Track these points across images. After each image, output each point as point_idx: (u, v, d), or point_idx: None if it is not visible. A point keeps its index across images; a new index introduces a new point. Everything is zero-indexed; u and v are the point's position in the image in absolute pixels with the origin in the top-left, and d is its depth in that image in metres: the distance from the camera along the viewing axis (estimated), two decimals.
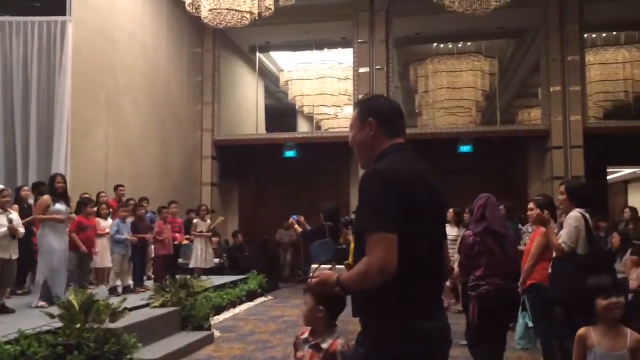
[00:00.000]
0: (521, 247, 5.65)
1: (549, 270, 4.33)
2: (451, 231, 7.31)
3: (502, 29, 13.08)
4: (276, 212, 12.90)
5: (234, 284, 9.84)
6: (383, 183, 1.83)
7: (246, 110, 14.94)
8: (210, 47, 13.35)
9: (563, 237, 4.11)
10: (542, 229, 4.80)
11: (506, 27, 13.00)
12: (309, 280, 2.14)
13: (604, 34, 13.47)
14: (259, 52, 14.79)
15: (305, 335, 2.48)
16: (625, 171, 18.11)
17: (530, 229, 5.47)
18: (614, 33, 13.46)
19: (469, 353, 5.60)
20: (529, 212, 5.04)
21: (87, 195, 7.90)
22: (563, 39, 11.76)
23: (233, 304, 8.92)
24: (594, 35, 13.24)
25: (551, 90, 11.80)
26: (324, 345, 2.40)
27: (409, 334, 1.83)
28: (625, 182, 19.23)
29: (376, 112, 2.04)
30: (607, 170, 14.04)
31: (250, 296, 9.88)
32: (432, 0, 8.86)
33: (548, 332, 4.66)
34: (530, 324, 4.86)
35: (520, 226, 6.82)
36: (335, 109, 15.55)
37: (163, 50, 11.58)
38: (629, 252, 6.33)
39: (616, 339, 2.65)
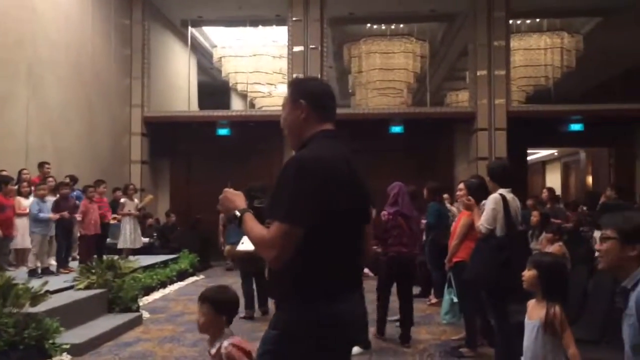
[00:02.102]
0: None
1: None
2: None
3: (434, 12, 13.35)
4: (209, 191, 12.71)
5: (165, 264, 9.69)
6: (304, 174, 1.83)
7: (178, 86, 14.56)
8: (139, 19, 12.85)
9: (481, 219, 4.30)
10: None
11: (437, 11, 13.28)
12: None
13: (528, 21, 14.02)
14: (192, 27, 14.38)
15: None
16: (544, 152, 19.17)
17: (461, 208, 5.69)
18: (538, 20, 14.04)
19: (399, 329, 5.83)
20: (458, 192, 5.26)
21: (5, 173, 7.51)
22: (490, 25, 12.14)
23: (163, 285, 8.81)
24: (519, 22, 13.75)
25: (478, 74, 12.20)
26: (212, 351, 2.48)
27: (322, 317, 1.85)
28: (543, 163, 20.35)
29: (308, 94, 2.04)
30: (528, 151, 14.77)
31: (182, 276, 9.78)
32: None
33: (471, 308, 4.90)
34: (456, 300, 5.10)
35: (448, 205, 7.09)
36: (270, 87, 15.40)
37: (89, 21, 11.05)
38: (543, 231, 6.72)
39: (535, 310, 2.84)
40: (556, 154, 19.05)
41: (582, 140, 13.84)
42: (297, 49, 12.66)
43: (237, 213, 1.98)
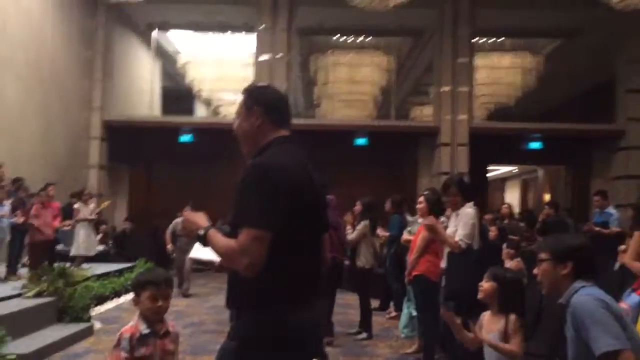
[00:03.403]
0: (408, 237, 5.87)
1: (443, 265, 4.50)
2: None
3: (401, 27, 13.49)
4: (169, 198, 12.50)
5: (120, 272, 9.42)
6: (267, 178, 1.81)
7: (140, 90, 14.28)
8: (102, 21, 12.56)
9: (460, 234, 4.29)
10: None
11: (405, 26, 13.42)
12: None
13: (491, 40, 14.32)
14: (157, 31, 14.16)
15: (144, 329, 2.44)
16: (504, 169, 19.56)
17: (419, 220, 5.71)
18: (501, 39, 14.35)
19: (354, 341, 5.78)
20: (418, 206, 5.26)
21: None
22: (455, 42, 12.33)
23: (117, 294, 8.54)
24: (482, 41, 14.03)
25: (442, 89, 12.35)
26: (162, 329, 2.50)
27: (281, 326, 1.82)
28: (503, 180, 20.76)
29: (263, 101, 2.02)
30: (488, 168, 15.04)
31: None
32: None
33: (430, 322, 4.89)
34: (414, 314, 5.09)
35: (409, 217, 7.10)
36: (235, 94, 15.25)
37: (50, 21, 10.75)
38: (504, 245, 6.79)
39: (492, 323, 2.85)
40: (515, 171, 19.46)
41: (541, 158, 14.16)
42: (264, 57, 12.58)
43: (201, 232, 1.92)
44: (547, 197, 16.79)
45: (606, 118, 12.64)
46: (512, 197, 19.72)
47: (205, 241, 1.91)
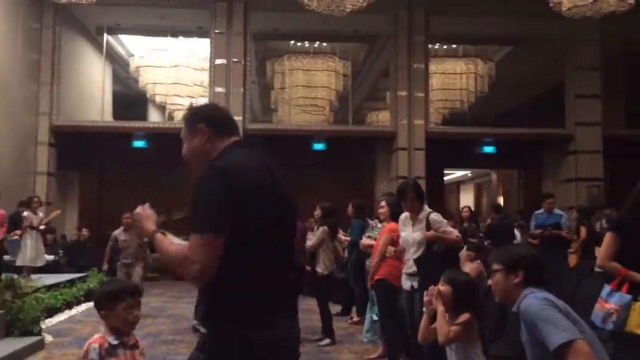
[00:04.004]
0: (368, 241, 5.83)
1: (414, 268, 4.48)
2: None
3: (356, 32, 13.57)
4: (122, 205, 12.13)
5: (71, 283, 9.06)
6: (223, 180, 1.74)
7: (91, 95, 13.83)
8: (50, 23, 12.10)
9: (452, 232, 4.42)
10: (391, 225, 5.02)
11: (360, 32, 13.50)
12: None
13: (445, 46, 14.58)
14: (107, 34, 13.75)
15: (113, 340, 2.35)
16: (458, 173, 19.94)
17: (379, 225, 5.69)
18: (454, 46, 14.63)
19: (319, 349, 5.70)
20: (380, 210, 5.24)
21: None
22: (410, 48, 12.48)
23: (69, 305, 8.20)
24: (437, 47, 14.27)
25: (398, 94, 12.47)
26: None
27: (247, 343, 1.73)
28: (458, 183, 21.15)
29: (206, 118, 1.98)
30: (444, 171, 15.28)
31: (90, 296, 9.13)
32: None
33: (392, 326, 4.86)
34: (376, 318, 5.06)
35: (370, 221, 7.09)
36: (190, 99, 14.98)
37: None
38: (464, 248, 6.86)
39: (448, 324, 2.86)
40: (470, 174, 19.86)
41: (494, 162, 14.50)
42: (219, 62, 12.41)
43: (147, 238, 1.87)
44: (500, 200, 17.20)
45: (556, 122, 13.03)
46: (467, 200, 20.11)
47: (151, 246, 1.84)
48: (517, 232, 9.84)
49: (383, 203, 5.16)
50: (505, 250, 2.55)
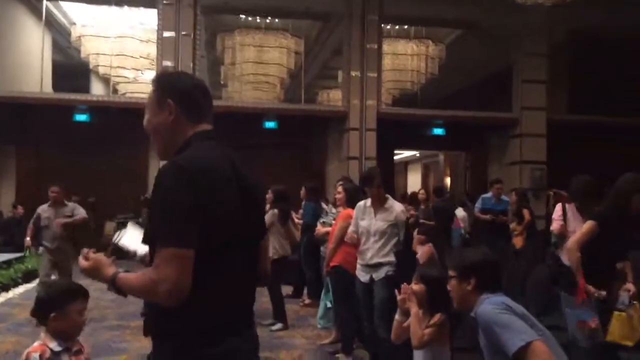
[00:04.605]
0: (323, 230, 5.79)
1: (376, 259, 4.47)
2: None
3: (309, 10, 13.33)
4: (63, 181, 11.63)
5: (8, 263, 8.66)
6: (186, 182, 1.54)
7: (29, 64, 13.05)
8: None
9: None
10: (347, 211, 4.97)
11: (312, 9, 13.26)
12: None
13: (397, 27, 14.55)
14: (47, 1, 12.97)
15: (55, 347, 2.20)
16: (406, 153, 20.17)
17: (334, 210, 5.65)
18: (406, 27, 14.62)
19: (271, 334, 5.65)
20: (337, 196, 5.19)
21: None
22: (364, 27, 12.39)
23: (5, 288, 7.86)
24: (389, 27, 14.22)
25: (351, 74, 12.40)
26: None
27: (212, 355, 1.58)
28: (406, 163, 21.43)
29: (177, 92, 1.74)
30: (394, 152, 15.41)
31: (28, 277, 8.75)
32: None
33: (347, 313, 4.86)
34: (330, 305, 5.04)
35: (324, 205, 7.04)
36: (136, 72, 14.42)
37: None
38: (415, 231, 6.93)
39: (421, 322, 2.83)
40: (417, 155, 20.12)
41: (443, 144, 14.71)
42: (167, 34, 11.95)
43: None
44: (447, 180, 17.55)
45: (503, 106, 13.32)
46: (414, 180, 20.42)
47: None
48: (462, 212, 10.04)
49: (340, 189, 5.11)
50: (458, 255, 2.52)
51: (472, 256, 2.42)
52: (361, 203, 4.60)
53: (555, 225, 5.42)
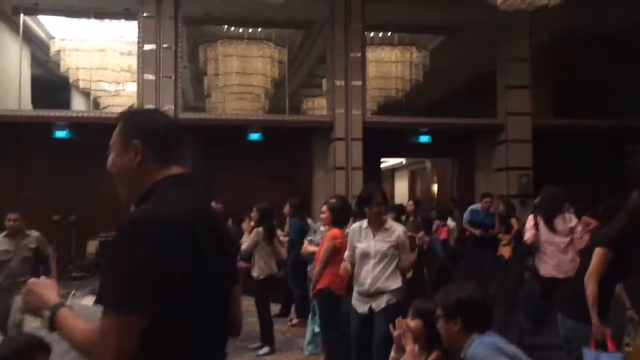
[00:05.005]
0: (310, 248, 5.67)
1: (377, 286, 4.27)
2: None
3: (292, 19, 13.24)
4: (44, 200, 11.43)
5: None
6: (141, 240, 1.39)
7: (7, 81, 12.79)
8: None
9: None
10: (334, 232, 4.85)
11: (295, 18, 13.18)
12: None
13: (380, 34, 14.49)
14: (24, 15, 12.73)
15: None
16: (393, 160, 20.12)
17: (322, 228, 5.53)
18: (390, 34, 14.57)
19: (257, 357, 5.50)
20: (322, 215, 5.07)
21: None
22: (347, 36, 12.31)
23: None
24: (372, 34, 14.15)
25: (336, 83, 12.30)
26: None
27: None
28: (392, 171, 21.37)
29: (145, 131, 1.61)
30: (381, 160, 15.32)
31: None
32: None
33: (334, 337, 4.73)
34: (318, 330, 4.90)
35: (311, 222, 6.92)
36: (117, 85, 14.21)
37: None
38: None
39: (417, 357, 2.70)
40: (404, 162, 20.07)
41: (430, 151, 14.65)
42: (148, 47, 11.78)
43: (47, 313, 1.48)
44: (434, 187, 17.50)
45: (488, 112, 13.29)
46: (401, 187, 20.36)
47: (53, 326, 1.47)
48: (452, 222, 9.98)
49: (324, 208, 4.98)
50: (444, 293, 2.38)
51: (458, 294, 2.31)
52: (356, 225, 4.33)
53: (527, 235, 5.48)
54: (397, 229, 4.23)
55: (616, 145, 13.02)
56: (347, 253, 4.36)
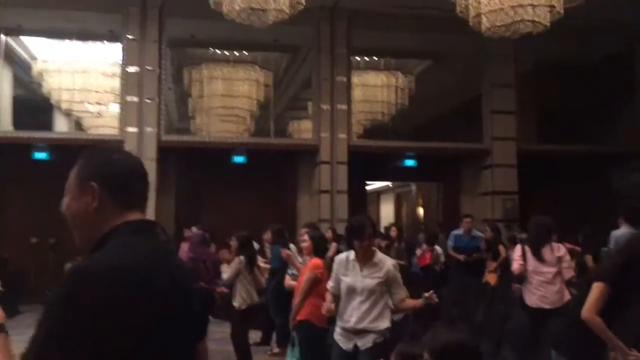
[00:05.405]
0: (292, 283, 5.51)
1: (363, 325, 4.04)
2: None
3: (277, 42, 13.22)
4: (24, 224, 11.21)
5: None
6: (88, 297, 1.23)
7: None
8: None
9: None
10: (315, 261, 4.71)
11: (281, 41, 13.17)
12: None
13: (367, 59, 14.54)
14: (7, 36, 12.59)
15: None
16: (379, 183, 20.06)
17: (300, 259, 5.38)
18: (375, 59, 14.62)
19: None
20: (302, 245, 4.93)
21: None
22: (333, 60, 12.31)
23: None
24: (358, 59, 14.19)
25: (321, 107, 12.26)
26: None
27: None
28: (378, 193, 21.29)
29: (103, 174, 1.46)
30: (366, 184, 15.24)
31: None
32: (208, 5, 8.36)
33: None
34: None
35: (293, 248, 6.77)
36: (100, 107, 14.07)
37: None
38: None
39: None
40: (390, 185, 20.01)
41: (415, 175, 14.63)
42: (132, 69, 11.68)
43: None
44: (420, 211, 17.43)
45: (473, 136, 13.31)
46: (387, 210, 20.28)
47: None
48: (437, 247, 9.88)
49: (305, 237, 4.85)
50: (434, 336, 2.23)
51: (448, 338, 2.16)
52: (342, 256, 4.10)
53: (515, 266, 5.41)
54: (387, 263, 3.97)
55: (601, 171, 13.05)
56: (330, 284, 4.14)
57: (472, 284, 7.80)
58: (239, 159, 12.24)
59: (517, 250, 5.39)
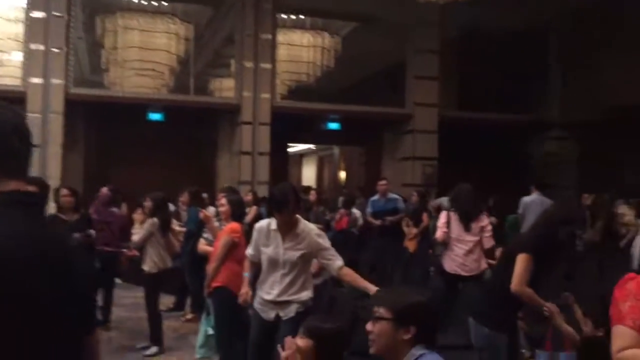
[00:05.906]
0: (206, 248, 5.24)
1: (285, 297, 3.84)
2: None
3: None
4: None
5: None
6: None
7: None
8: None
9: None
10: (232, 225, 4.48)
11: None
12: None
13: (293, 17, 14.11)
14: None
15: None
16: (302, 146, 19.92)
17: (217, 224, 5.12)
18: (302, 17, 14.22)
19: (143, 358, 5.04)
20: (220, 209, 4.67)
21: None
22: (257, 16, 11.84)
23: None
24: (284, 17, 13.74)
25: (244, 65, 11.83)
26: None
27: None
28: (301, 156, 21.18)
29: None
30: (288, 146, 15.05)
31: None
32: None
33: (229, 339, 4.38)
34: (212, 332, 4.52)
35: (212, 209, 6.47)
36: (2, 55, 12.86)
37: None
38: None
39: None
40: (313, 147, 19.92)
41: (338, 139, 14.58)
42: (37, 14, 10.69)
43: None
44: (342, 174, 17.49)
45: (396, 101, 13.35)
46: (309, 172, 20.23)
47: None
48: (355, 210, 9.83)
49: (223, 201, 4.58)
50: (396, 294, 2.09)
51: (414, 298, 2.02)
52: (263, 224, 3.87)
53: (439, 233, 5.46)
54: (309, 233, 3.76)
55: (519, 139, 13.50)
56: (249, 251, 3.96)
57: (390, 247, 7.84)
58: (155, 116, 11.62)
59: (442, 217, 5.41)
